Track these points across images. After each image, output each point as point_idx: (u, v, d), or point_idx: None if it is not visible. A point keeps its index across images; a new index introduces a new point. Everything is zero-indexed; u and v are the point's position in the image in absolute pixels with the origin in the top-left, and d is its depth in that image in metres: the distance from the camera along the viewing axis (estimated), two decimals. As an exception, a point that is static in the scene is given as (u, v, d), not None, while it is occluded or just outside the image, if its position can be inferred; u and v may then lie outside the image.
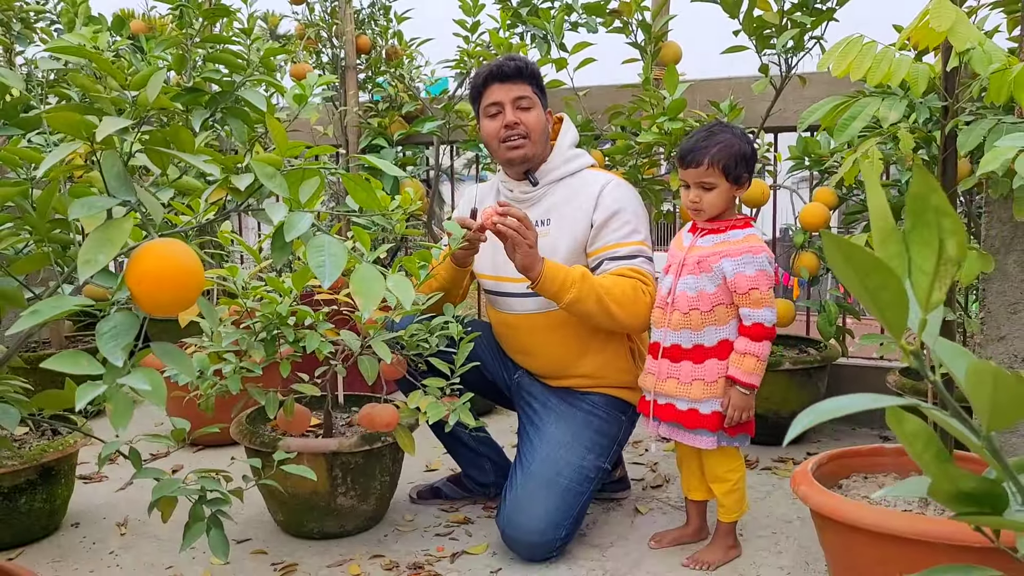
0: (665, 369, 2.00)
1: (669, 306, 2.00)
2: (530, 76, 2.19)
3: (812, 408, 0.66)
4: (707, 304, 1.95)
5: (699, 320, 1.96)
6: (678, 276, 1.99)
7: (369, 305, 1.11)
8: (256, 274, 2.10)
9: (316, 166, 1.25)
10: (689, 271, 1.97)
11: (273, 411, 2.02)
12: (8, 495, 2.12)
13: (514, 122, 2.16)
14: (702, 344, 1.97)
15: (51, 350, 3.31)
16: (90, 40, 2.72)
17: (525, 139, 2.17)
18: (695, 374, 1.97)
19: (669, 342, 1.99)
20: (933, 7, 1.48)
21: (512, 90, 2.17)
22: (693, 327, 1.96)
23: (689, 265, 1.97)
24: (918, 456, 0.74)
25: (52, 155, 0.94)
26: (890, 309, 0.60)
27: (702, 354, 1.97)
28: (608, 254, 2.10)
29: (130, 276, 0.97)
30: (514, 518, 2.06)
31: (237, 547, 2.18)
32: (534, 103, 2.19)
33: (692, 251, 1.99)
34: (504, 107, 2.18)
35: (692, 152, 1.94)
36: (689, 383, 1.97)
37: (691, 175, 1.95)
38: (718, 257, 1.94)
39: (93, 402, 0.99)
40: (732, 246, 1.94)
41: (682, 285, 1.97)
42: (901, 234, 0.61)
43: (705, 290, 1.95)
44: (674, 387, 1.98)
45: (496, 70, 2.18)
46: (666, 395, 2.00)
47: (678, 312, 1.97)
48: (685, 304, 1.96)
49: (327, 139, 3.93)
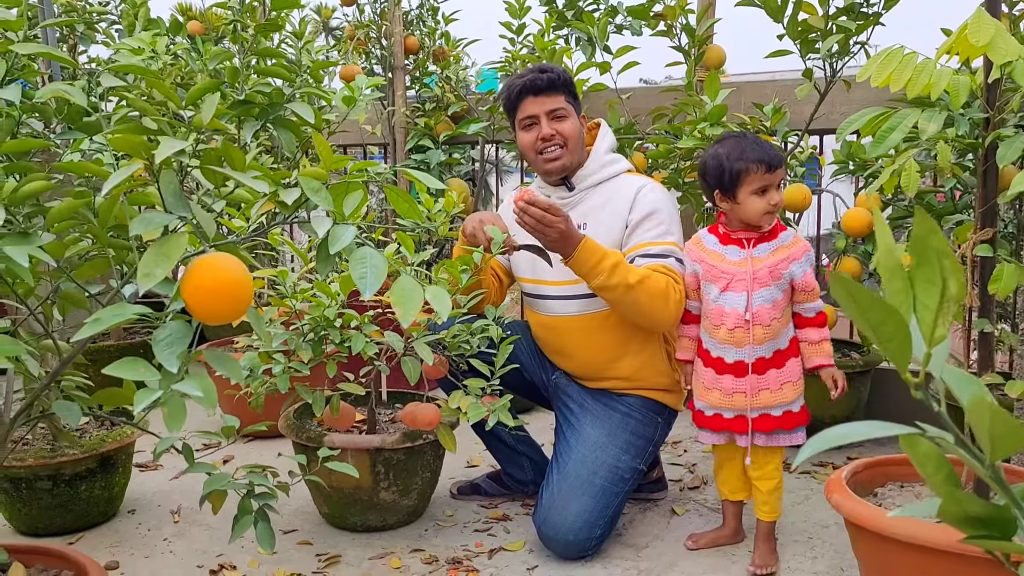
0: (755, 382, 2.01)
1: (749, 324, 1.99)
2: (563, 86, 2.22)
3: (819, 436, 0.69)
4: (780, 311, 2.01)
5: (778, 327, 2.00)
6: (751, 291, 1.99)
7: (408, 316, 1.16)
8: (304, 275, 2.17)
9: (360, 179, 1.31)
10: (762, 284, 1.99)
11: (320, 410, 2.09)
12: (69, 482, 2.23)
13: (550, 134, 2.20)
14: (779, 348, 2.02)
15: (110, 342, 3.45)
16: (149, 44, 2.82)
17: (563, 148, 2.21)
18: (781, 378, 2.01)
19: (754, 357, 2.01)
20: (972, 21, 1.48)
21: (546, 103, 2.21)
22: (774, 336, 2.00)
23: (761, 278, 1.99)
24: (929, 478, 0.76)
25: (114, 176, 1.01)
26: (892, 342, 0.63)
27: (782, 358, 2.02)
28: (640, 252, 2.13)
29: (185, 288, 1.04)
30: (550, 517, 2.11)
31: (284, 537, 2.26)
32: (569, 112, 2.22)
33: (757, 263, 2.00)
34: (539, 119, 2.21)
35: (776, 155, 1.98)
36: (779, 388, 2.01)
37: (778, 177, 1.99)
38: (787, 263, 1.98)
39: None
40: (791, 249, 2.00)
41: (759, 299, 1.99)
42: (906, 272, 0.64)
43: (778, 298, 2.00)
44: (768, 397, 2.01)
45: (530, 84, 2.22)
46: (760, 408, 2.02)
47: (760, 327, 1.99)
48: (767, 317, 1.98)
49: (375, 138, 4.00)
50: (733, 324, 2.01)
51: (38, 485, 2.21)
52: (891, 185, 1.79)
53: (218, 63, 1.71)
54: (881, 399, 3.10)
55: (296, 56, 2.94)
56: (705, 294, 2.08)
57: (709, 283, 2.06)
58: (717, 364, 2.05)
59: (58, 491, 2.23)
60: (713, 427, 2.07)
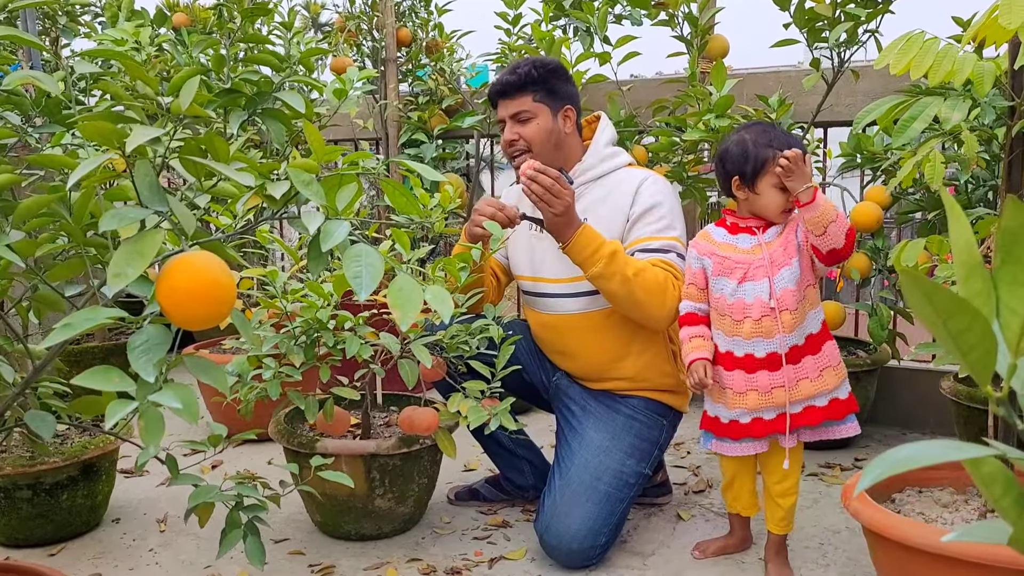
0: (792, 374, 1.88)
1: (775, 311, 1.87)
2: (531, 84, 2.13)
3: (884, 457, 0.60)
4: (802, 291, 1.89)
5: (803, 311, 1.88)
6: (771, 276, 1.87)
7: (407, 318, 1.07)
8: (295, 274, 2.08)
9: (354, 171, 1.22)
10: (783, 264, 1.87)
11: (312, 416, 2.00)
12: (50, 491, 2.14)
13: (511, 139, 2.16)
14: (811, 333, 1.89)
15: (94, 343, 3.35)
16: (132, 35, 2.72)
17: (527, 152, 2.15)
18: (820, 364, 1.89)
19: (787, 347, 1.88)
20: (1003, 3, 1.40)
21: (510, 106, 2.15)
22: (802, 320, 1.88)
23: (778, 259, 1.88)
24: (996, 501, 0.68)
25: (81, 167, 0.92)
26: (975, 352, 0.55)
27: (816, 343, 1.89)
28: (641, 246, 2.06)
29: (160, 290, 0.94)
30: (553, 525, 2.02)
31: (275, 547, 2.17)
32: (535, 113, 2.14)
33: (770, 246, 1.89)
34: (505, 124, 2.17)
35: (804, 149, 1.84)
36: (819, 376, 1.88)
37: None
38: (792, 230, 1.88)
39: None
40: (792, 224, 1.90)
41: (781, 282, 1.87)
42: (987, 271, 0.56)
43: (798, 276, 1.87)
44: (808, 387, 1.88)
45: (497, 86, 2.18)
46: (802, 400, 1.88)
47: (787, 312, 1.86)
48: (792, 300, 1.86)
49: (367, 133, 3.91)
50: (759, 314, 1.87)
51: (17, 495, 2.11)
52: (910, 178, 1.71)
53: (202, 49, 1.62)
54: (888, 398, 3.03)
55: (285, 47, 2.84)
56: (719, 291, 1.94)
57: (723, 277, 1.93)
58: (746, 362, 1.90)
59: (38, 500, 2.13)
60: (755, 434, 1.91)
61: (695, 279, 1.99)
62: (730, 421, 1.93)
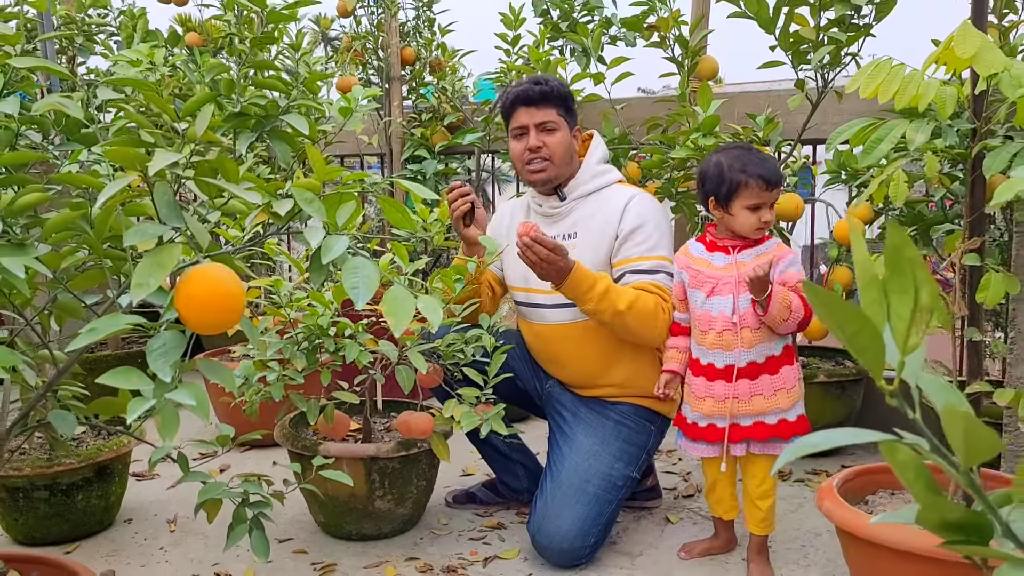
0: (747, 389, 1.99)
1: (736, 326, 1.98)
2: (556, 99, 2.24)
3: (798, 442, 0.70)
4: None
5: (767, 332, 1.98)
6: (737, 294, 1.98)
7: (399, 325, 1.17)
8: (300, 284, 2.19)
9: (353, 189, 1.33)
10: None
11: (314, 418, 2.10)
12: (66, 491, 2.24)
13: (537, 145, 2.23)
14: (773, 354, 2.00)
15: (107, 351, 3.46)
16: (147, 55, 2.84)
17: (547, 161, 2.24)
18: (775, 384, 1.99)
19: (744, 361, 1.99)
20: (958, 33, 1.50)
21: (536, 115, 2.23)
22: (765, 339, 1.99)
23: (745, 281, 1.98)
24: (909, 484, 0.78)
25: (109, 187, 1.03)
26: (868, 351, 0.65)
27: (776, 364, 2.00)
28: (630, 267, 2.15)
29: (178, 299, 1.05)
30: (544, 525, 2.12)
31: (279, 546, 2.27)
32: (559, 126, 2.25)
33: (741, 267, 1.99)
34: (529, 130, 2.24)
35: (777, 173, 1.97)
36: (773, 394, 1.99)
37: (774, 196, 1.99)
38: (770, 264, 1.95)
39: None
40: (774, 254, 1.99)
41: (745, 301, 1.97)
42: (881, 282, 0.66)
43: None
44: (761, 403, 1.99)
45: (523, 94, 2.25)
46: (754, 414, 2.00)
47: (748, 329, 1.98)
48: (754, 320, 1.97)
49: (372, 148, 4.02)
50: (721, 328, 2.00)
51: (35, 495, 2.22)
52: (880, 195, 1.81)
53: (214, 75, 1.73)
54: (873, 407, 3.12)
55: (293, 67, 2.96)
56: (692, 301, 2.07)
57: (695, 289, 2.05)
58: (708, 370, 2.03)
59: (55, 500, 2.24)
60: (708, 438, 2.04)
61: (676, 291, 2.13)
62: (691, 422, 2.07)
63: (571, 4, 3.12)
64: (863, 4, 2.42)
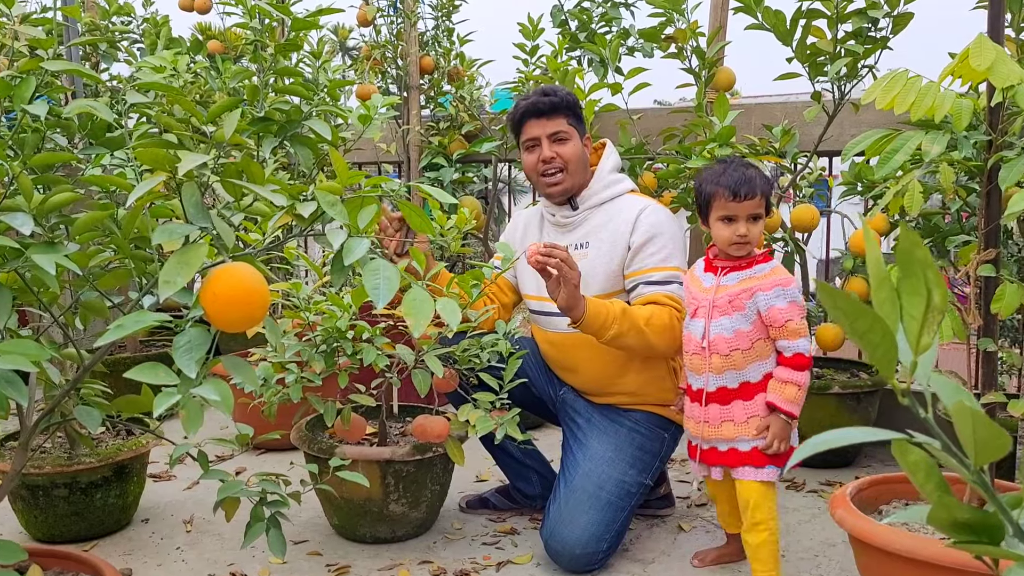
0: (717, 414, 1.97)
1: (706, 351, 1.96)
2: (566, 109, 2.26)
3: (809, 441, 0.71)
4: (747, 342, 1.94)
5: (742, 359, 1.94)
6: (710, 319, 1.96)
7: (419, 326, 1.19)
8: (318, 288, 2.22)
9: (374, 193, 1.35)
10: (722, 312, 1.95)
11: (331, 420, 2.13)
12: (85, 490, 2.27)
13: (551, 156, 2.25)
14: (748, 381, 1.96)
15: (127, 353, 3.50)
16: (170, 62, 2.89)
17: (562, 172, 2.25)
18: (748, 411, 1.95)
19: (714, 386, 1.97)
20: (974, 46, 1.51)
21: (548, 125, 2.25)
22: (737, 367, 1.95)
23: (720, 306, 1.96)
24: (920, 486, 0.79)
25: (139, 188, 1.06)
26: (879, 349, 0.66)
27: (750, 391, 1.96)
28: (644, 278, 2.16)
29: (204, 296, 1.08)
30: (557, 531, 2.13)
31: (294, 548, 2.29)
32: (570, 135, 2.26)
33: (720, 291, 1.96)
34: (541, 141, 2.26)
35: (747, 184, 1.92)
36: (745, 421, 1.95)
37: (745, 208, 1.93)
38: (749, 294, 1.93)
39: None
40: (760, 281, 1.93)
41: (716, 328, 1.95)
42: (892, 282, 0.67)
43: (741, 329, 1.93)
44: (731, 430, 1.96)
45: (532, 106, 2.26)
46: (725, 439, 1.97)
47: (717, 355, 1.95)
48: (724, 346, 1.94)
49: (390, 156, 4.06)
50: (692, 350, 2.00)
51: (55, 493, 2.25)
52: (896, 206, 1.82)
53: (238, 81, 1.77)
54: (889, 418, 3.11)
55: (313, 75, 3.00)
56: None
57: (688, 306, 2.07)
58: (688, 390, 2.06)
59: (74, 499, 2.27)
60: (694, 456, 2.06)
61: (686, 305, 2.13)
62: (688, 439, 2.11)
63: (589, 15, 3.15)
64: (880, 17, 2.43)
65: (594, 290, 2.21)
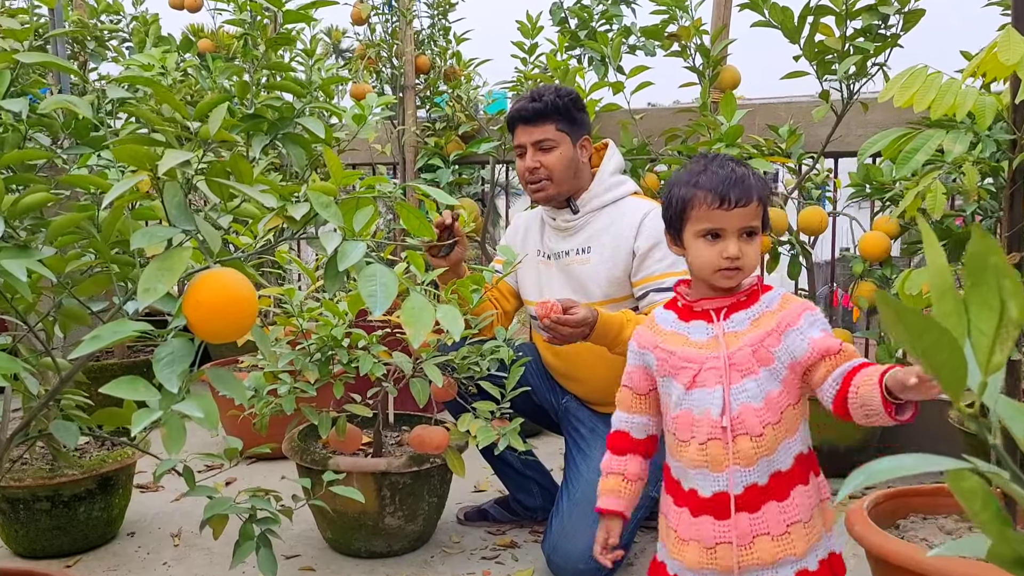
0: (747, 526, 1.35)
1: (728, 433, 1.36)
2: (554, 114, 2.16)
3: (866, 468, 0.64)
4: (776, 412, 1.37)
5: (773, 438, 1.36)
6: (728, 384, 1.37)
7: (419, 335, 1.11)
8: (312, 293, 2.13)
9: (370, 194, 1.27)
10: (744, 372, 1.37)
11: (326, 431, 2.05)
12: (68, 503, 2.18)
13: (533, 166, 2.17)
14: (779, 470, 1.36)
15: (113, 360, 3.41)
16: (159, 60, 2.81)
17: (547, 181, 2.18)
18: (786, 516, 1.35)
19: (742, 486, 1.36)
20: (1002, 39, 1.44)
21: (533, 133, 2.17)
22: (769, 451, 1.36)
23: (741, 364, 1.37)
24: (975, 516, 0.71)
25: (116, 187, 0.97)
26: (945, 369, 0.59)
27: (784, 485, 1.36)
28: (654, 285, 2.09)
29: (187, 304, 0.99)
30: (560, 545, 2.05)
31: (286, 563, 2.20)
32: (558, 142, 2.17)
33: (732, 342, 1.38)
34: (526, 149, 2.19)
35: (739, 185, 1.37)
36: (785, 533, 1.35)
37: (736, 218, 1.38)
38: (777, 336, 1.36)
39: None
40: (779, 315, 1.38)
41: (741, 395, 1.36)
42: (958, 293, 0.60)
43: (772, 392, 1.36)
44: (769, 548, 1.34)
45: (518, 113, 2.19)
46: (760, 565, 1.35)
47: (748, 438, 1.35)
48: (756, 422, 1.35)
49: (385, 157, 3.98)
50: (706, 435, 1.37)
51: (36, 506, 2.16)
52: (914, 208, 1.75)
53: (227, 76, 1.68)
54: (896, 427, 3.04)
55: (307, 74, 2.92)
56: (665, 396, 1.46)
57: (669, 378, 1.43)
58: (691, 501, 1.39)
59: (57, 512, 2.18)
60: None
61: (631, 380, 1.53)
62: (671, 574, 1.44)
63: (590, 12, 3.07)
64: (891, 13, 2.36)
65: (598, 296, 2.13)
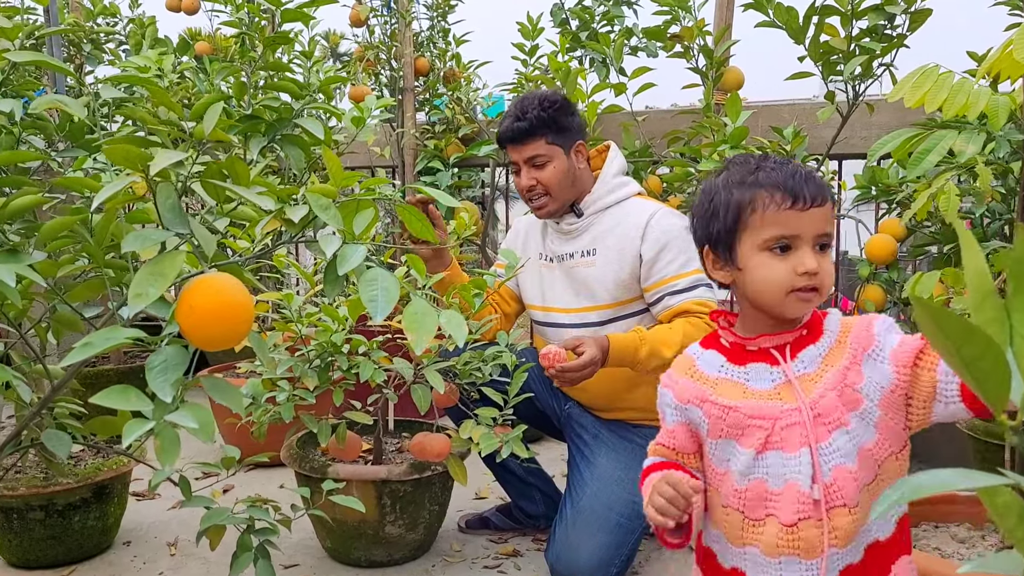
0: None
1: (821, 507, 1.09)
2: (541, 128, 2.12)
3: (903, 481, 0.60)
4: (871, 469, 1.12)
5: (868, 502, 1.11)
6: (815, 442, 1.10)
7: (422, 341, 1.08)
8: (310, 299, 2.10)
9: (371, 196, 1.23)
10: (833, 424, 1.11)
11: (325, 439, 2.01)
12: (62, 513, 2.14)
13: (530, 184, 2.15)
14: (877, 539, 1.12)
15: (109, 366, 3.37)
16: (155, 62, 2.77)
17: (546, 197, 2.15)
18: None
19: (837, 568, 1.10)
20: (1017, 37, 1.41)
21: (524, 151, 2.14)
22: (864, 519, 1.10)
23: (828, 415, 1.11)
24: (1011, 532, 0.67)
25: (106, 189, 0.94)
26: (990, 380, 0.55)
27: (883, 558, 1.11)
28: (668, 288, 2.04)
29: (180, 310, 0.96)
30: (564, 555, 2.01)
31: (285, 572, 2.16)
32: (550, 156, 2.13)
33: (809, 389, 1.12)
34: (520, 167, 2.17)
35: (812, 180, 1.13)
36: None
37: (813, 222, 1.12)
38: (858, 369, 1.11)
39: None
40: (850, 340, 1.13)
41: (834, 456, 1.09)
42: (999, 299, 0.56)
43: (867, 443, 1.11)
44: None
45: (504, 133, 2.16)
46: None
47: (846, 510, 1.09)
48: (853, 488, 1.09)
49: (384, 160, 3.94)
50: (794, 514, 1.09)
51: (30, 516, 2.12)
52: (925, 210, 1.71)
53: (223, 77, 1.65)
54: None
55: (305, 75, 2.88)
56: (721, 463, 1.17)
57: (729, 440, 1.16)
58: None
59: (51, 522, 2.14)
60: None
61: (674, 440, 1.22)
62: None
63: (591, 13, 3.04)
64: (897, 13, 2.33)
65: (604, 299, 2.10)
